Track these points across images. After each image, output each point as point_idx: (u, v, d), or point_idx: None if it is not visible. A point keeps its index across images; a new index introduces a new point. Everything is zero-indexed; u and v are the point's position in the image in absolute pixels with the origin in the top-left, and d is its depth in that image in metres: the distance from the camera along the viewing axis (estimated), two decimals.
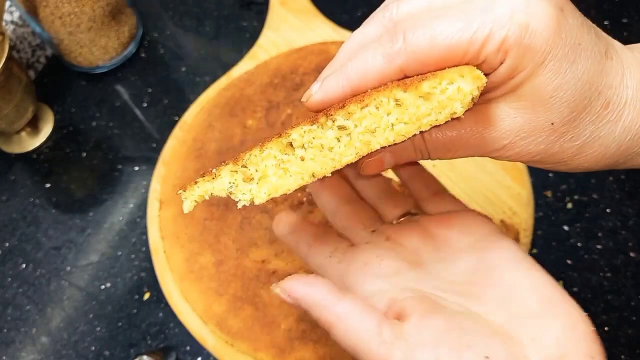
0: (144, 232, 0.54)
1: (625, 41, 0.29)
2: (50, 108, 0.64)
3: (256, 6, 0.69)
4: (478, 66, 0.23)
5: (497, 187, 0.51)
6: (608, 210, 0.51)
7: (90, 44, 0.62)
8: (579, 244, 0.50)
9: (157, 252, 0.51)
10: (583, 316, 0.25)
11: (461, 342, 0.24)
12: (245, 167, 0.25)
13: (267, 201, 0.25)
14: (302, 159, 0.24)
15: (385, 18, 0.26)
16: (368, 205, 0.33)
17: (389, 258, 0.29)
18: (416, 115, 0.23)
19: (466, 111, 0.23)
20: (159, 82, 0.64)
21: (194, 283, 0.49)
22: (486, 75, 0.24)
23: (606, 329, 0.47)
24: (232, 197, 0.25)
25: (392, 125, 0.23)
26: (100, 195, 0.58)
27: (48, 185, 0.59)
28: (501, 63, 0.23)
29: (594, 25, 0.26)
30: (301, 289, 0.27)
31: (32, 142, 0.61)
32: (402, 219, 0.32)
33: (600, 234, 0.50)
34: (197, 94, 0.61)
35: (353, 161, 0.24)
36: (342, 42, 0.28)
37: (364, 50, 0.25)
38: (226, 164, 0.25)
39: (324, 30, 0.63)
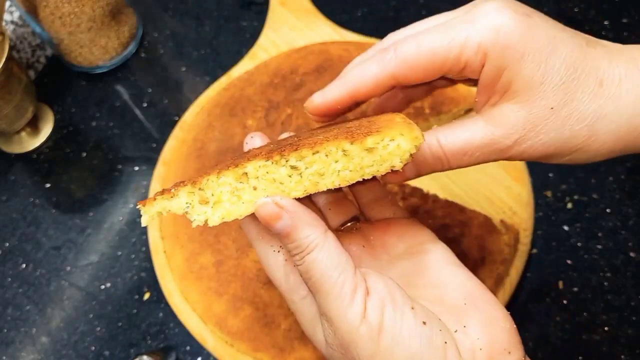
0: (144, 232, 0.54)
1: (625, 41, 0.29)
2: (50, 108, 0.64)
3: (256, 6, 0.69)
4: (461, 71, 0.27)
5: (497, 187, 0.51)
6: (608, 210, 0.51)
7: (90, 44, 0.62)
8: (579, 244, 0.50)
9: (157, 252, 0.51)
10: (503, 312, 0.28)
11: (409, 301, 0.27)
12: (202, 190, 0.27)
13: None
14: (255, 189, 0.26)
15: (382, 43, 0.31)
16: (316, 209, 0.33)
17: None
18: (360, 165, 0.26)
19: (405, 165, 0.25)
20: (159, 82, 0.64)
21: (194, 283, 0.49)
22: (472, 80, 0.27)
23: (606, 328, 0.47)
24: (188, 216, 0.27)
25: (339, 171, 0.26)
26: (100, 195, 0.58)
27: (48, 185, 0.59)
28: (482, 66, 0.27)
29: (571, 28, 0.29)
30: (296, 205, 0.27)
31: (32, 142, 0.61)
32: (346, 225, 0.33)
33: (600, 234, 0.50)
34: (197, 93, 0.61)
35: (300, 197, 0.26)
36: (342, 42, 0.30)
37: (361, 62, 0.29)
38: (185, 185, 0.27)
39: (324, 30, 0.63)
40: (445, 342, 0.26)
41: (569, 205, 0.52)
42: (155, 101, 0.63)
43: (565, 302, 0.48)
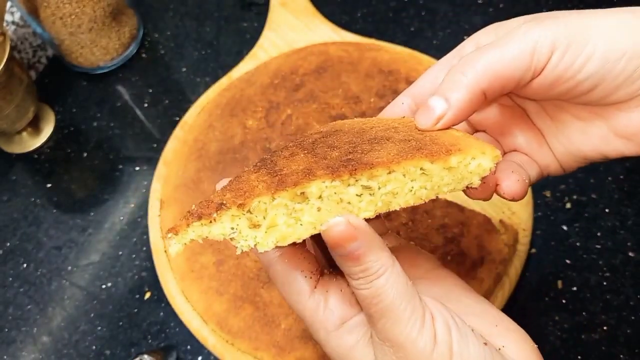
0: (145, 232, 0.55)
1: None
2: (51, 108, 0.64)
3: (256, 7, 0.69)
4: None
5: None
6: (607, 210, 0.52)
7: (91, 44, 0.62)
8: (578, 244, 0.50)
9: (158, 251, 0.51)
10: (525, 333, 0.28)
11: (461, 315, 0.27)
12: (251, 213, 0.24)
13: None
14: (319, 210, 0.24)
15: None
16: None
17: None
18: (438, 184, 0.25)
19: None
20: (160, 82, 0.65)
21: (195, 282, 0.49)
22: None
23: (605, 328, 0.47)
24: (232, 242, 0.24)
25: (415, 190, 0.24)
26: (101, 195, 0.58)
27: (49, 185, 0.59)
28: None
29: None
30: (368, 226, 0.25)
31: (33, 142, 0.62)
32: None
33: (599, 234, 0.51)
34: (198, 94, 0.62)
35: (370, 217, 0.24)
36: (341, 43, 0.29)
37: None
38: (227, 208, 0.23)
39: (324, 31, 0.63)
40: (499, 349, 0.26)
41: (568, 205, 0.52)
42: (156, 101, 0.63)
43: (564, 301, 0.48)
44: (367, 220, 0.25)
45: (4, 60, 0.52)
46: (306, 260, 0.28)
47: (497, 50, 0.26)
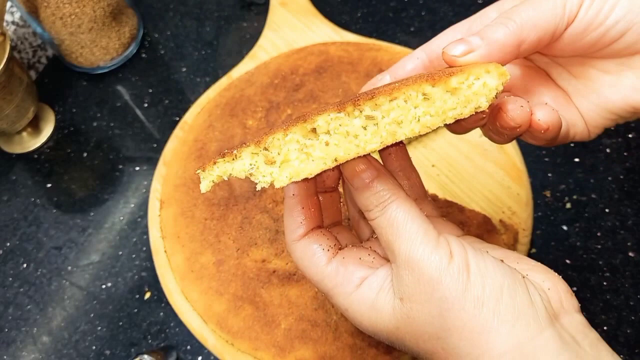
0: (145, 232, 0.55)
1: None
2: (51, 108, 0.64)
3: (256, 7, 0.69)
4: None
5: (496, 188, 0.51)
6: (607, 210, 0.52)
7: (91, 44, 0.62)
8: (578, 244, 0.50)
9: (158, 251, 0.51)
10: (549, 269, 0.29)
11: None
12: (267, 150, 0.25)
13: (267, 201, 0.25)
14: (327, 144, 0.24)
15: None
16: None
17: (379, 256, 0.31)
18: (442, 109, 0.24)
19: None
20: (160, 82, 0.65)
21: (195, 282, 0.49)
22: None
23: (605, 328, 0.47)
24: (252, 178, 0.26)
25: (419, 117, 0.24)
26: (101, 195, 0.58)
27: (49, 185, 0.59)
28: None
29: None
30: (376, 160, 0.28)
31: (33, 142, 0.62)
32: None
33: (599, 234, 0.51)
34: (198, 94, 0.62)
35: (377, 149, 0.24)
36: (341, 43, 0.29)
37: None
38: (247, 146, 0.25)
39: (324, 31, 0.63)
40: (523, 277, 0.27)
41: (568, 205, 0.52)
42: (156, 101, 0.63)
43: None
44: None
45: (4, 60, 0.52)
46: (324, 236, 0.30)
47: (531, 6, 0.27)
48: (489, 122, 0.28)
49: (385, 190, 0.27)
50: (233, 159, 0.26)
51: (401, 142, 0.30)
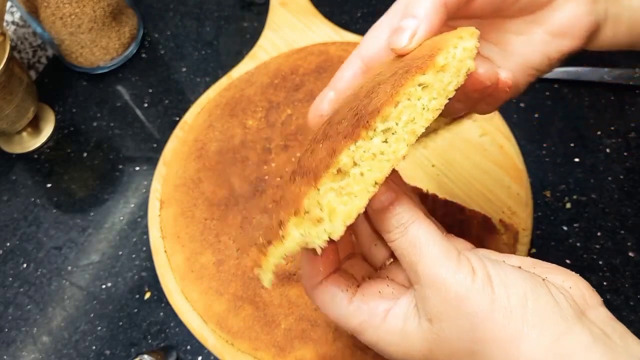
0: (145, 232, 0.55)
1: None
2: (51, 108, 0.64)
3: (256, 7, 0.69)
4: None
5: (496, 187, 0.51)
6: (607, 210, 0.52)
7: (91, 44, 0.62)
8: (578, 244, 0.50)
9: (158, 251, 0.52)
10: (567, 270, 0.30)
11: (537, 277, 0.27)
12: (308, 212, 0.25)
13: (268, 201, 0.25)
14: (362, 174, 0.25)
15: None
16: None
17: (397, 285, 0.31)
18: (442, 87, 0.25)
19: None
20: (160, 82, 0.65)
21: (195, 282, 0.49)
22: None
23: None
24: (310, 246, 0.25)
25: (426, 106, 0.25)
26: (101, 195, 0.58)
27: (49, 185, 0.59)
28: None
29: None
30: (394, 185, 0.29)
31: (33, 142, 0.62)
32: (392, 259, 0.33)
33: (599, 234, 0.51)
34: (198, 94, 0.62)
35: (407, 153, 0.25)
36: (341, 43, 0.30)
37: None
38: (287, 221, 0.25)
39: (324, 31, 0.63)
40: (543, 279, 0.27)
41: (568, 205, 0.52)
42: (156, 101, 0.63)
43: None
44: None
45: (4, 60, 0.52)
46: (342, 278, 0.31)
47: None
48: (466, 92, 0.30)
49: (405, 211, 0.28)
50: (282, 241, 0.25)
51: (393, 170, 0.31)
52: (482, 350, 0.26)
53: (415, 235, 0.27)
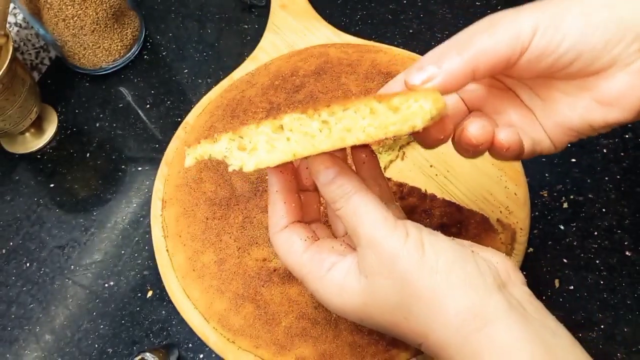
0: (147, 231, 0.55)
1: None
2: (53, 109, 0.64)
3: (257, 9, 0.70)
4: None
5: (494, 187, 0.52)
6: (604, 210, 0.52)
7: (93, 46, 0.63)
8: (575, 243, 0.51)
9: (160, 250, 0.52)
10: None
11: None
12: (242, 137, 0.29)
13: (268, 201, 0.27)
14: (288, 140, 0.28)
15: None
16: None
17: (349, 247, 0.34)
18: (385, 123, 0.27)
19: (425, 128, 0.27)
20: (162, 83, 0.65)
21: (196, 281, 0.49)
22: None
23: (602, 327, 0.47)
24: (226, 160, 0.30)
25: (365, 128, 0.27)
26: (103, 195, 0.58)
27: (52, 185, 0.60)
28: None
29: None
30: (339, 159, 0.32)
31: (36, 143, 0.62)
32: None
33: (596, 233, 0.51)
34: (199, 95, 0.62)
35: (327, 150, 0.28)
36: (341, 45, 0.31)
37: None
38: (227, 132, 0.29)
39: (324, 33, 0.64)
40: (472, 251, 0.31)
41: (565, 205, 0.53)
42: (158, 102, 0.64)
43: (561, 300, 0.49)
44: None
45: (7, 61, 0.53)
46: (303, 228, 0.34)
47: (487, 35, 0.29)
48: (457, 139, 0.32)
49: (347, 183, 0.31)
50: (214, 142, 0.30)
51: (373, 152, 0.35)
52: (409, 304, 0.29)
53: (356, 203, 0.30)
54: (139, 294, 0.52)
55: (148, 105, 0.64)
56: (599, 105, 0.30)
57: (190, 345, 0.49)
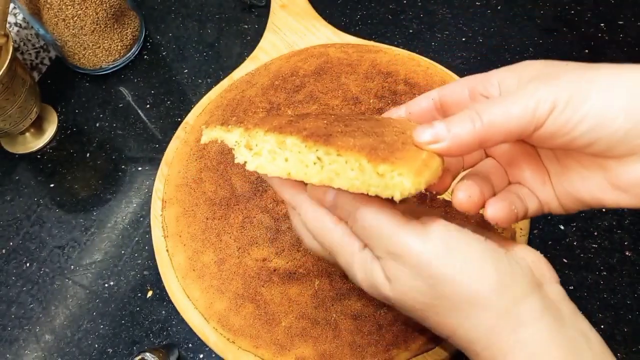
0: (147, 231, 0.55)
1: (621, 42, 0.29)
2: (54, 109, 0.65)
3: (257, 9, 0.70)
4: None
5: None
6: (603, 210, 0.52)
7: (93, 46, 0.63)
8: (575, 243, 0.51)
9: (160, 250, 0.52)
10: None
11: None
12: (250, 137, 0.30)
13: (268, 201, 0.27)
14: (286, 160, 0.29)
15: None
16: None
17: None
18: (368, 183, 0.28)
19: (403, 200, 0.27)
20: (162, 83, 0.65)
21: (196, 281, 0.49)
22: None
23: (602, 327, 0.47)
24: (234, 152, 0.31)
25: (351, 178, 0.28)
26: (104, 195, 0.59)
27: (52, 185, 0.60)
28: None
29: None
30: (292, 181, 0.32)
31: (36, 143, 0.62)
32: None
33: (596, 233, 0.51)
34: (199, 95, 0.62)
35: (316, 184, 0.29)
36: (341, 45, 0.31)
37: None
38: (240, 126, 0.31)
39: (323, 33, 0.64)
40: (505, 250, 0.29)
41: None
42: (158, 102, 0.64)
43: None
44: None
45: (7, 61, 0.53)
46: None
47: (503, 105, 0.28)
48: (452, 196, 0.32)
49: (347, 204, 0.30)
50: (228, 131, 0.31)
51: None
52: (441, 305, 0.28)
53: (363, 220, 0.30)
54: (139, 294, 0.52)
55: (148, 105, 0.64)
56: (612, 188, 0.29)
57: (190, 345, 0.49)
